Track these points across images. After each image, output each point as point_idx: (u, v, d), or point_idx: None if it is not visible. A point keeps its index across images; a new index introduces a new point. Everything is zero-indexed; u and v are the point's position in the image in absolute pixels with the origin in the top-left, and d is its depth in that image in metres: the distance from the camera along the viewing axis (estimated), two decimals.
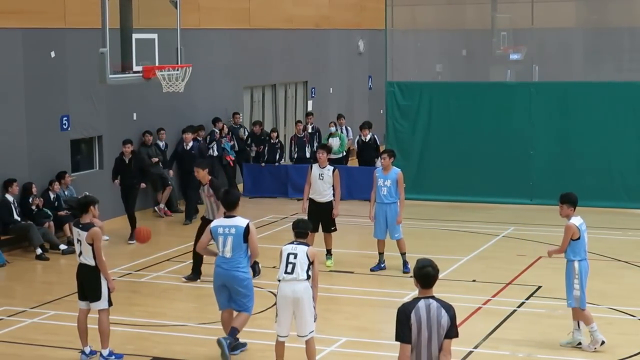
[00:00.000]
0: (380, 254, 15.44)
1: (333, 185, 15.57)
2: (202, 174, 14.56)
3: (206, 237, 11.21)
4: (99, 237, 10.88)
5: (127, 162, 18.32)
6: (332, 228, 15.71)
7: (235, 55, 24.31)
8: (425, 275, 7.10)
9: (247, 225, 10.84)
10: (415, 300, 7.09)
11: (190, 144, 20.68)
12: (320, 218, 15.55)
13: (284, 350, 10.53)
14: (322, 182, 15.55)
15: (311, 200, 15.68)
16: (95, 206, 11.17)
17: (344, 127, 24.57)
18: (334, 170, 15.63)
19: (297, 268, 10.27)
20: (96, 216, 11.22)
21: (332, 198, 15.67)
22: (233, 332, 10.92)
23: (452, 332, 7.07)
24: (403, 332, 7.02)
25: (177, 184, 21.19)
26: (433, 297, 7.11)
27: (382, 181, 15.17)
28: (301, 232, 10.65)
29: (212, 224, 11.11)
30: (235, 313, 11.15)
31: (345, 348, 11.68)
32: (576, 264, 11.40)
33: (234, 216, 10.98)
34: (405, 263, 15.15)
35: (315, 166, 15.73)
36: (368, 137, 22.86)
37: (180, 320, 12.90)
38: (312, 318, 10.36)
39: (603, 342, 11.40)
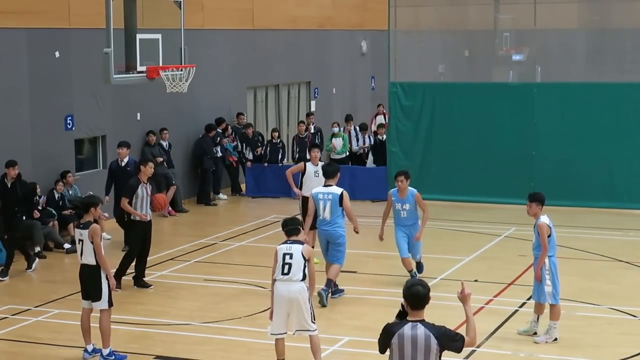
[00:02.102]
0: (410, 271, 14.57)
1: None
2: (150, 170, 14.77)
3: (312, 204, 13.38)
4: (97, 233, 11.03)
5: (9, 186, 15.73)
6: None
7: (238, 55, 24.36)
8: (415, 294, 6.60)
9: (342, 193, 13.21)
10: (403, 322, 6.64)
11: (126, 159, 18.01)
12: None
13: (284, 348, 10.60)
14: (318, 179, 15.53)
15: (305, 199, 15.61)
16: (98, 207, 11.36)
17: (352, 128, 24.37)
18: None
19: (293, 268, 10.32)
20: (97, 217, 11.36)
21: None
22: (329, 283, 13.34)
23: (453, 346, 6.68)
24: (381, 344, 6.75)
25: (113, 204, 17.58)
26: (422, 322, 6.63)
27: (400, 205, 14.34)
28: (292, 229, 10.68)
29: (314, 191, 13.53)
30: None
31: (347, 347, 11.74)
32: (547, 260, 11.60)
33: (330, 185, 13.34)
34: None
35: (308, 164, 15.85)
36: (385, 136, 22.87)
37: (184, 320, 12.95)
38: (310, 317, 10.38)
39: (556, 339, 11.72)
